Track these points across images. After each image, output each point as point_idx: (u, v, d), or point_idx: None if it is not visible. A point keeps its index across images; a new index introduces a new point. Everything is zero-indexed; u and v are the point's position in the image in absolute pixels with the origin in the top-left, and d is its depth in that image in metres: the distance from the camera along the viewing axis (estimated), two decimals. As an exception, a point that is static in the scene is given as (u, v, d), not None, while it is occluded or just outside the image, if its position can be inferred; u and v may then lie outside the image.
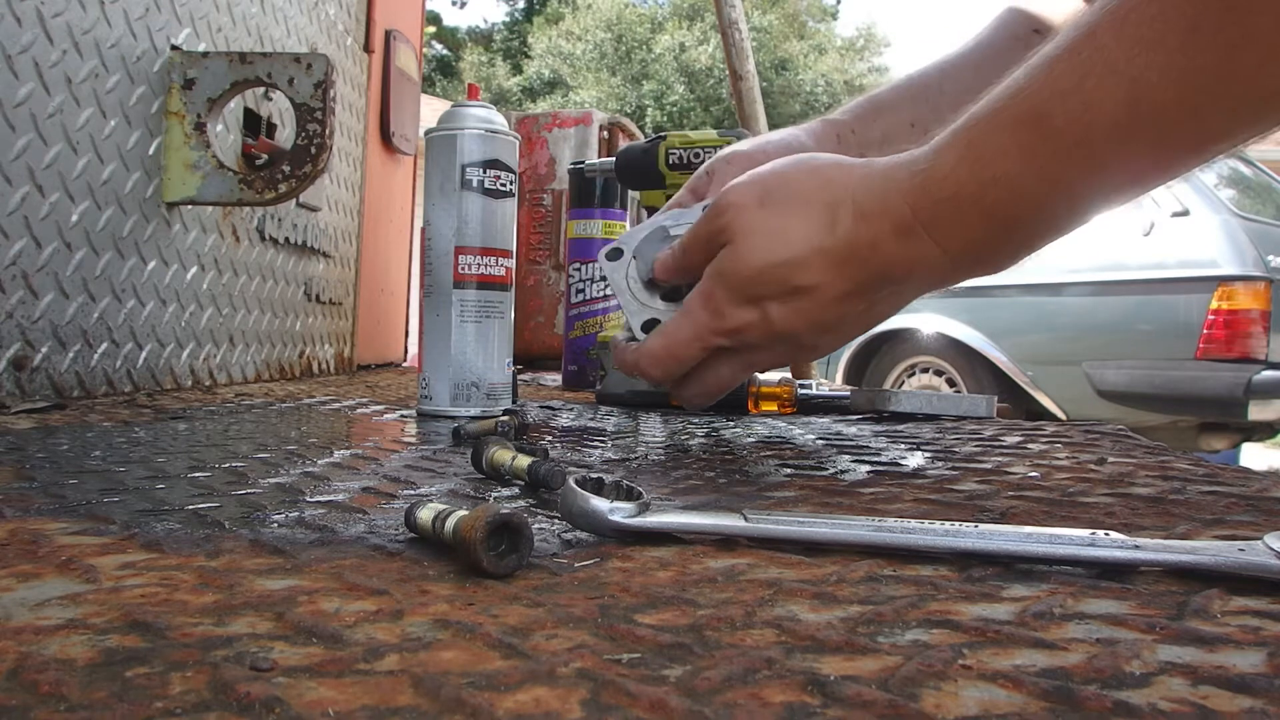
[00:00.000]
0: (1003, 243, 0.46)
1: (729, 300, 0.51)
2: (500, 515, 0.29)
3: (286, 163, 0.90)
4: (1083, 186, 0.42)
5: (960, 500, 0.43)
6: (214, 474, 0.46)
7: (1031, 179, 0.42)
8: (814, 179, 0.50)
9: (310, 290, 1.30)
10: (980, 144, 0.43)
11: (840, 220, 0.47)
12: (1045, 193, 0.43)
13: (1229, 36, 0.36)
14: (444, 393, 0.77)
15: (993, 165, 0.43)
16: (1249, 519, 0.40)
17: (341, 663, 0.21)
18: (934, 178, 0.45)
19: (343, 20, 1.39)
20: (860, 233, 0.47)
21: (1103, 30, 0.39)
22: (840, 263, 0.48)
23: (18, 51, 0.72)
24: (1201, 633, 0.24)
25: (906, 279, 0.48)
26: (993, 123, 0.43)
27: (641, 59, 16.36)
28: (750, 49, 2.35)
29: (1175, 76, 0.37)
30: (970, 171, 0.43)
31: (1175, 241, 2.94)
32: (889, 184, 0.46)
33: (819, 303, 0.49)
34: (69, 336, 0.80)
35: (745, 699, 0.19)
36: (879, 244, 0.47)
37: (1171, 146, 0.40)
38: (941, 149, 0.45)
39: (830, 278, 0.48)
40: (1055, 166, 0.42)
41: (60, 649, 0.22)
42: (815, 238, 0.48)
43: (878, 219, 0.46)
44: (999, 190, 0.43)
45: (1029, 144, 0.42)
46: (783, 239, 0.48)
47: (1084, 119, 0.40)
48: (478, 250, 0.77)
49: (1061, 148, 0.41)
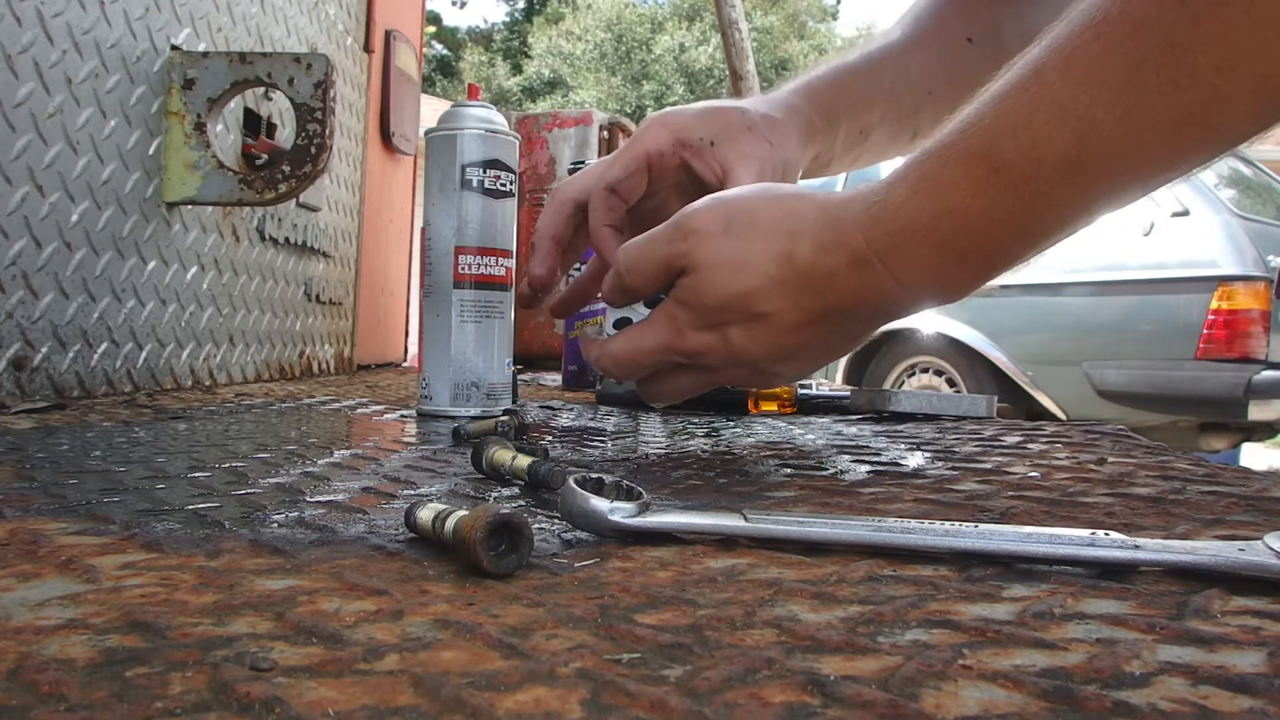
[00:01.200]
0: (956, 273, 0.47)
1: (691, 324, 0.51)
2: (500, 515, 0.29)
3: (286, 163, 0.90)
4: (1033, 220, 0.43)
5: (960, 500, 0.43)
6: (214, 474, 0.46)
7: (982, 212, 0.43)
8: (777, 209, 0.50)
9: (310, 290, 1.30)
10: (932, 177, 0.44)
11: (799, 251, 0.48)
12: (996, 226, 0.44)
13: (1171, 75, 0.37)
14: (444, 393, 0.77)
15: (944, 198, 0.44)
16: (1249, 519, 0.40)
17: (341, 663, 0.21)
18: (888, 209, 0.46)
19: (343, 20, 1.39)
20: (817, 263, 0.48)
21: (1049, 68, 0.40)
22: (798, 292, 0.49)
23: (18, 51, 0.72)
24: (1201, 633, 0.24)
25: (862, 308, 0.49)
26: (945, 156, 0.44)
27: (641, 59, 16.37)
28: (750, 49, 2.35)
29: (1121, 114, 0.39)
30: (922, 204, 0.45)
31: (1175, 241, 2.94)
32: (845, 216, 0.47)
33: (777, 329, 0.50)
34: (69, 336, 0.80)
35: (745, 699, 0.19)
36: (835, 275, 0.48)
37: (1120, 180, 0.41)
38: (895, 182, 0.46)
39: (788, 305, 0.49)
40: (1005, 200, 0.42)
41: (60, 649, 0.22)
42: (775, 268, 0.49)
43: (834, 250, 0.47)
44: (951, 222, 0.44)
45: (979, 178, 0.43)
46: (745, 269, 0.49)
47: (1033, 155, 0.41)
48: (477, 250, 0.77)
49: (1011, 182, 0.42)
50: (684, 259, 0.51)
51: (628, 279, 0.54)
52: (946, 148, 0.44)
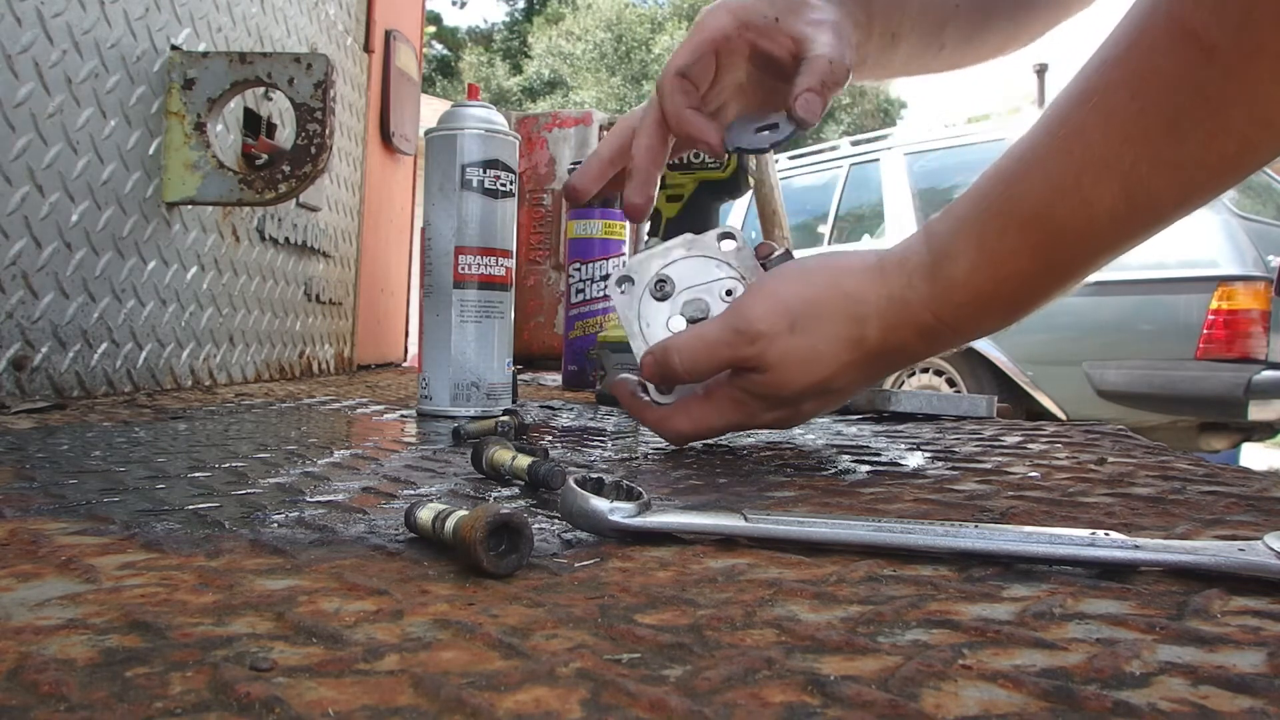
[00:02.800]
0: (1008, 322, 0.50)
1: (764, 408, 0.54)
2: (500, 515, 0.29)
3: (286, 163, 0.90)
4: (1081, 268, 0.46)
5: (960, 500, 0.43)
6: (214, 474, 0.46)
7: (1041, 272, 0.46)
8: (837, 297, 0.51)
9: (310, 290, 1.30)
10: (993, 248, 0.47)
11: (869, 335, 0.50)
12: (1053, 281, 0.47)
13: (1207, 129, 0.39)
14: (444, 393, 0.77)
15: (1006, 266, 0.46)
16: (1249, 519, 0.40)
17: (341, 663, 0.21)
18: (953, 286, 0.48)
19: (343, 20, 1.39)
20: (889, 341, 0.51)
21: (1091, 128, 0.42)
22: (866, 366, 0.52)
23: (18, 51, 0.72)
24: (1201, 633, 0.24)
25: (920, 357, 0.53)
26: (1002, 225, 0.46)
27: (641, 59, 16.36)
28: (750, 49, 2.35)
29: (1163, 168, 0.41)
30: (987, 275, 0.47)
31: (1175, 241, 2.93)
32: (910, 295, 0.49)
33: (846, 395, 0.55)
34: (69, 336, 0.80)
35: (745, 699, 0.19)
36: (906, 347, 0.51)
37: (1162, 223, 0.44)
38: (954, 253, 0.48)
39: (859, 377, 0.53)
40: (1063, 259, 0.45)
41: (60, 649, 0.22)
42: (846, 354, 0.51)
43: (902, 329, 0.50)
44: (1012, 286, 0.47)
45: (1038, 243, 0.45)
46: (818, 362, 0.51)
47: (1085, 214, 0.43)
48: (478, 250, 0.77)
49: (1067, 242, 0.44)
50: (753, 361, 0.52)
51: (681, 371, 0.55)
52: (1001, 215, 0.46)
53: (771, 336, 0.51)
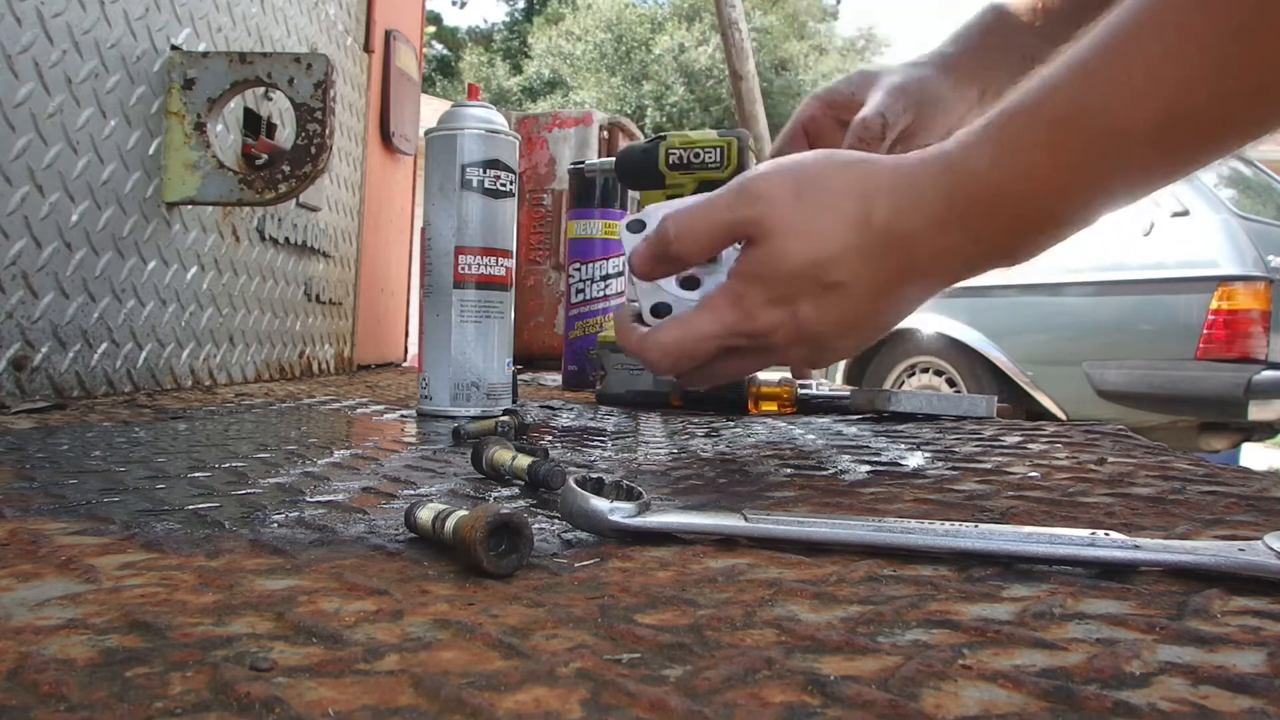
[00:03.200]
0: (1031, 235, 0.46)
1: (760, 301, 0.49)
2: (500, 515, 0.29)
3: (286, 163, 0.90)
4: (1115, 185, 0.43)
5: (960, 500, 0.43)
6: (214, 474, 0.46)
7: (1066, 177, 0.43)
8: (847, 172, 0.48)
9: (310, 290, 1.30)
10: (1017, 141, 0.44)
11: (875, 215, 0.47)
12: (1078, 190, 0.43)
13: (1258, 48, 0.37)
14: (444, 393, 0.77)
15: (1028, 162, 0.43)
16: (1249, 519, 0.40)
17: (341, 663, 0.21)
18: (970, 175, 0.45)
19: (343, 20, 1.39)
20: (895, 226, 0.47)
21: (1145, 34, 0.40)
22: (873, 256, 0.47)
23: (18, 51, 0.72)
24: (1201, 633, 0.24)
25: (933, 273, 0.48)
26: (1030, 120, 0.43)
27: (641, 59, 16.36)
28: (750, 49, 2.35)
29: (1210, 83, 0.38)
30: (1007, 168, 0.44)
31: (1175, 241, 2.93)
32: (923, 179, 0.46)
33: (850, 300, 0.48)
34: (69, 336, 0.80)
35: (745, 699, 0.19)
36: (913, 239, 0.46)
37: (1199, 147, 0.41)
38: (977, 144, 0.45)
39: (863, 272, 0.48)
40: (1092, 166, 0.42)
41: (60, 649, 0.22)
42: (851, 233, 0.47)
43: (912, 214, 0.46)
44: (1033, 186, 0.44)
45: (1066, 143, 0.42)
46: (819, 235, 0.47)
47: (1123, 120, 0.40)
48: (478, 250, 0.77)
49: (1098, 148, 0.42)
50: (752, 226, 0.49)
51: (675, 245, 0.51)
52: (1032, 110, 0.43)
53: (773, 200, 0.48)
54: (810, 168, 0.50)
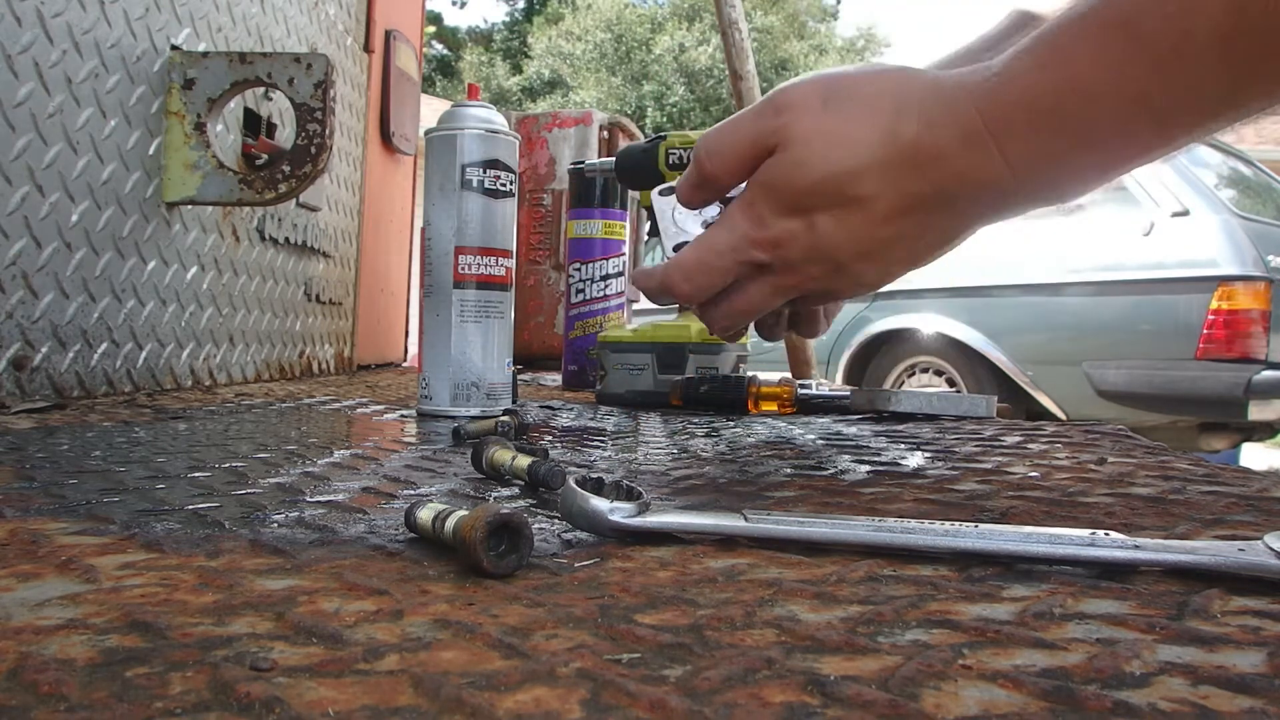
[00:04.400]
0: (1074, 163, 0.42)
1: (774, 210, 0.47)
2: (500, 515, 0.29)
3: (286, 163, 0.90)
4: (1171, 104, 0.38)
5: (960, 500, 0.43)
6: (214, 474, 0.46)
7: (1115, 91, 0.38)
8: (880, 81, 0.46)
9: (310, 290, 1.30)
10: (1061, 49, 0.40)
11: (905, 126, 0.44)
12: (1129, 108, 0.39)
13: None
14: (444, 393, 0.77)
15: (1072, 72, 0.39)
16: (1249, 519, 0.40)
17: (341, 663, 0.21)
18: (1008, 82, 0.41)
19: (343, 20, 1.39)
20: (924, 139, 0.43)
21: None
22: (900, 171, 0.44)
23: (18, 51, 0.72)
24: (1201, 633, 0.24)
25: (964, 196, 0.45)
26: (1076, 27, 0.39)
27: (641, 59, 16.36)
28: (750, 49, 2.35)
29: None
30: (1048, 78, 0.40)
31: (1175, 241, 2.93)
32: (959, 90, 0.43)
33: (871, 217, 0.45)
34: (69, 336, 0.80)
35: (745, 699, 0.19)
36: (943, 153, 0.43)
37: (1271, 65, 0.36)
38: (1019, 54, 0.41)
39: (887, 188, 0.44)
40: (1144, 78, 0.38)
41: (60, 649, 0.22)
42: (878, 146, 0.44)
43: (944, 126, 0.43)
44: (1078, 100, 0.39)
45: (1115, 49, 0.38)
46: (843, 145, 0.45)
47: (1182, 25, 0.36)
48: (478, 250, 0.77)
49: (1152, 57, 0.37)
50: (775, 136, 0.46)
51: (708, 164, 0.49)
52: (1079, 18, 0.39)
53: (801, 109, 0.46)
54: (843, 77, 0.47)
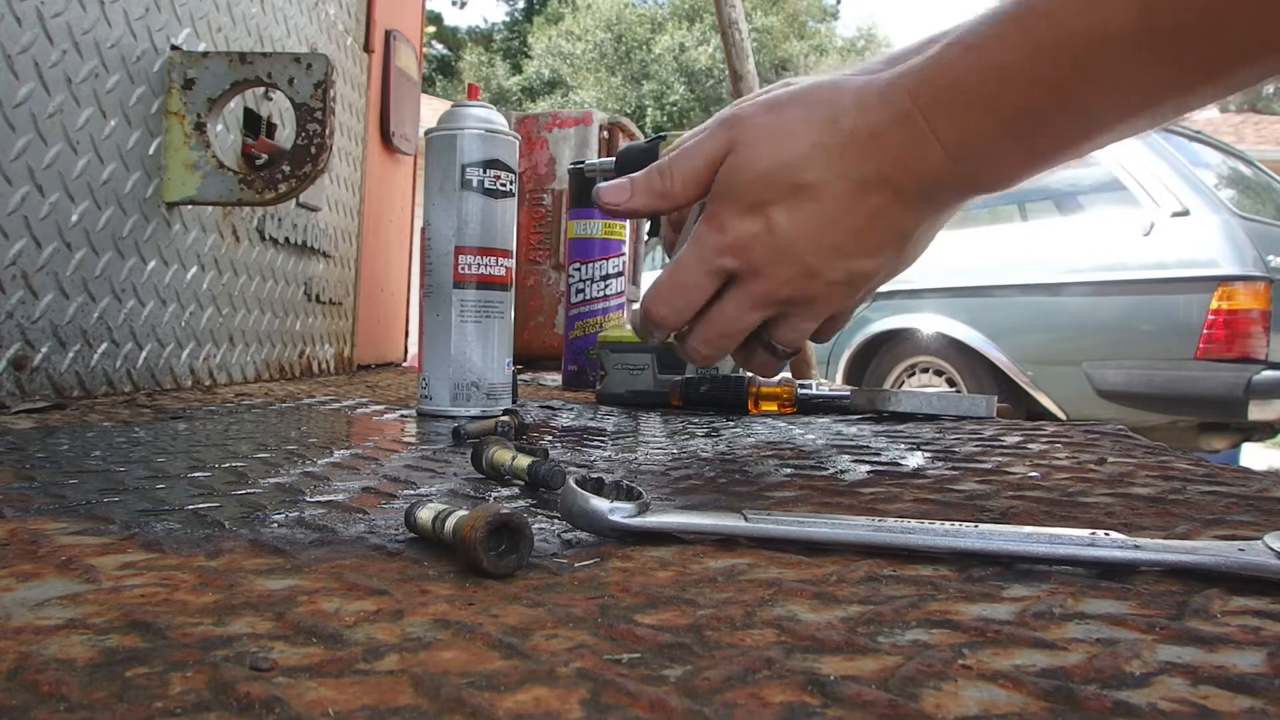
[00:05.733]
0: (1002, 148, 0.45)
1: (732, 212, 0.49)
2: (500, 515, 0.29)
3: (286, 163, 0.90)
4: (1090, 97, 0.41)
5: (960, 500, 0.43)
6: (214, 474, 0.46)
7: (1039, 78, 0.41)
8: (819, 89, 0.49)
9: (310, 290, 1.30)
10: (986, 34, 0.43)
11: (843, 115, 0.47)
12: (1051, 97, 0.41)
13: None
14: (444, 393, 0.77)
15: (996, 55, 0.42)
16: (1249, 519, 0.40)
17: (341, 663, 0.21)
18: (937, 65, 0.44)
19: (343, 20, 1.39)
20: (861, 123, 0.46)
21: None
22: (842, 155, 0.47)
23: (18, 51, 0.72)
24: (1201, 633, 0.24)
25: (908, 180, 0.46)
26: (1005, 15, 0.42)
27: (641, 59, 16.36)
28: (750, 49, 2.35)
29: None
30: (974, 60, 0.43)
31: (1175, 241, 2.93)
32: (894, 78, 0.46)
33: (822, 207, 0.47)
34: (69, 336, 0.80)
35: (745, 699, 0.19)
36: (878, 133, 0.46)
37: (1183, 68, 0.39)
38: (950, 43, 0.44)
39: (831, 174, 0.47)
40: (1065, 68, 0.40)
41: (60, 649, 0.22)
42: (818, 133, 0.47)
43: (879, 109, 0.46)
44: (1000, 82, 0.42)
45: (1038, 39, 0.40)
46: (786, 137, 0.48)
47: (1095, 20, 0.38)
48: (478, 250, 0.77)
49: (1072, 50, 0.40)
50: (725, 146, 0.50)
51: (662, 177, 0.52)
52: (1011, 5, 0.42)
53: (747, 118, 0.50)
54: (786, 90, 0.51)
